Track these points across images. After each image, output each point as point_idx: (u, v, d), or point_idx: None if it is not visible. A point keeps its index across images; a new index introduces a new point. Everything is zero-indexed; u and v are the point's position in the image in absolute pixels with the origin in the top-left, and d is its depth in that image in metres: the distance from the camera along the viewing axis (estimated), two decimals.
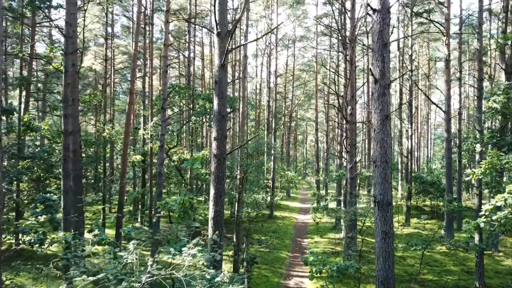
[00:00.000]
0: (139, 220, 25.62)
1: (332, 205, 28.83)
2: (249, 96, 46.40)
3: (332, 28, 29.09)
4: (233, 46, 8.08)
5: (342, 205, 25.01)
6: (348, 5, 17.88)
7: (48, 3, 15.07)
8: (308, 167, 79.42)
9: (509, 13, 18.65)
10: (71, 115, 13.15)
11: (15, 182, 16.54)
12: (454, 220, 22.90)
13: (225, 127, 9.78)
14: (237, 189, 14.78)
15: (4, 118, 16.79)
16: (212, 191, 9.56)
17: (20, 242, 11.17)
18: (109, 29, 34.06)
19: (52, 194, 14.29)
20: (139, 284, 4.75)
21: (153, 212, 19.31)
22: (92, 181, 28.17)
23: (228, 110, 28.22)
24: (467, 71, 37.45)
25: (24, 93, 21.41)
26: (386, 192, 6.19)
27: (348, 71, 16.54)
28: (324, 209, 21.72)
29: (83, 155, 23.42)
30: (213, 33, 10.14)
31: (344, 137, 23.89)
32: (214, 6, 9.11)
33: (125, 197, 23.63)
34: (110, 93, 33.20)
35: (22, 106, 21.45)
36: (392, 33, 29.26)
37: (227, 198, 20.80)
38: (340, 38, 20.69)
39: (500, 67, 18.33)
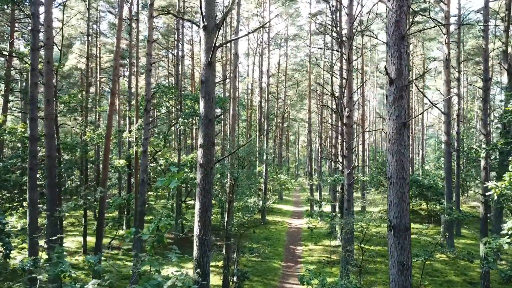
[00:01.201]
0: (124, 226, 24.38)
1: (327, 208, 27.89)
2: (241, 96, 45.31)
3: (327, 26, 28.15)
4: (222, 42, 7.28)
5: (337, 209, 24.08)
6: (345, 1, 16.89)
7: None
8: (300, 167, 78.64)
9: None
10: (46, 117, 11.94)
11: None
12: (453, 225, 22.08)
13: (212, 133, 8.65)
14: (227, 197, 13.69)
15: None
16: (197, 205, 8.46)
17: None
18: (95, 26, 32.80)
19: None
20: None
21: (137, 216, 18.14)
22: (75, 185, 26.83)
23: (218, 111, 27.08)
24: (462, 71, 36.79)
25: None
26: (403, 214, 5.15)
27: (345, 71, 15.54)
28: (319, 215, 20.70)
29: (65, 158, 22.13)
30: (199, 27, 9.03)
31: (341, 140, 22.93)
32: None
33: (110, 202, 22.39)
34: (95, 93, 31.88)
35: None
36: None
37: (217, 202, 19.70)
38: (336, 36, 19.71)
39: (502, 67, 17.50)
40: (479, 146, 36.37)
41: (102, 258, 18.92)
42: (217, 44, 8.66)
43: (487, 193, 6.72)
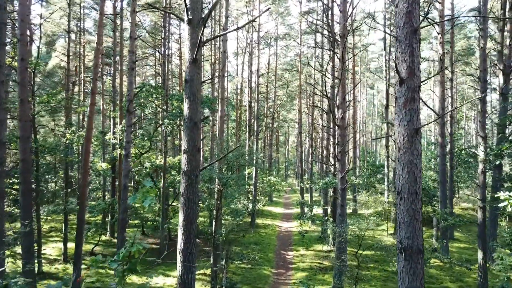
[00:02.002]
0: (108, 231, 23.40)
1: (319, 210, 27.24)
2: (230, 97, 44.51)
3: (318, 25, 27.55)
4: (208, 37, 6.65)
5: (329, 211, 23.44)
6: None
7: None
8: (290, 168, 78.04)
9: (507, 10, 17.40)
10: (20, 118, 11.04)
11: None
12: (448, 230, 21.66)
13: (198, 137, 7.85)
14: (215, 203, 12.90)
15: None
16: (181, 217, 7.64)
17: None
18: (79, 24, 31.64)
19: None
20: None
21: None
22: (56, 189, 25.77)
23: (207, 112, 26.25)
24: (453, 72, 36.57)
25: None
26: (415, 235, 4.47)
27: (338, 70, 14.90)
28: (310, 219, 20.05)
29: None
30: (183, 21, 8.25)
31: (333, 142, 22.32)
32: None
33: (95, 206, 21.39)
34: (79, 92, 30.75)
35: None
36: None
37: (205, 206, 18.93)
38: (328, 34, 19.07)
39: (497, 67, 17.07)
40: (470, 147, 36.25)
41: (84, 266, 17.98)
42: (202, 40, 7.93)
43: (500, 205, 6.07)
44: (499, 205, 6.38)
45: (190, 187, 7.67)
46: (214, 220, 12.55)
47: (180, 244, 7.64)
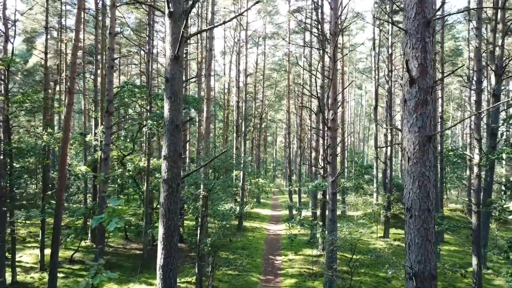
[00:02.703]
0: (89, 237, 22.43)
1: (307, 213, 26.71)
2: (217, 96, 43.73)
3: (307, 24, 27.06)
4: (192, 33, 6.09)
5: (318, 213, 22.90)
6: None
7: None
8: (278, 168, 77.56)
9: (499, 10, 17.11)
10: None
11: None
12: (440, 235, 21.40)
13: (179, 141, 7.16)
14: (200, 209, 12.17)
15: None
16: (161, 230, 6.97)
17: None
18: (60, 20, 30.47)
19: None
20: None
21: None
22: (31, 194, 24.68)
23: (193, 112, 25.40)
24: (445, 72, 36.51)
25: None
26: (428, 258, 3.88)
27: (329, 70, 14.34)
28: (299, 224, 19.49)
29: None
30: (164, 14, 7.55)
31: (322, 144, 21.79)
32: None
33: (77, 210, 20.43)
34: (59, 92, 29.64)
35: None
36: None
37: (191, 209, 18.15)
38: (318, 32, 18.54)
39: (490, 68, 16.77)
40: (457, 148, 36.25)
41: (62, 275, 17.05)
42: (185, 35, 7.25)
43: (510, 217, 5.53)
44: (509, 217, 5.85)
45: (171, 196, 6.97)
46: (199, 228, 11.81)
47: (160, 260, 6.95)
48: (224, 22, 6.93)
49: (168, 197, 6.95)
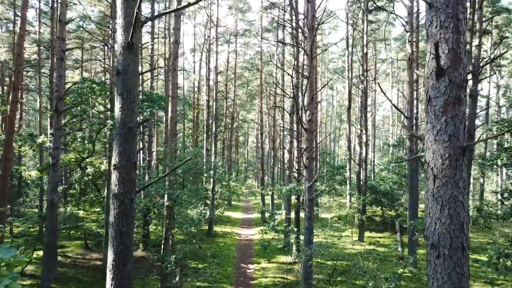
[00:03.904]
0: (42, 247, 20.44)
1: (281, 216, 25.79)
2: (187, 95, 42.09)
3: (281, 20, 26.12)
4: (150, 16, 5.02)
5: (292, 216, 21.96)
6: None
7: None
8: (249, 169, 76.55)
9: (476, 9, 16.76)
10: None
11: None
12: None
13: (134, 147, 5.84)
14: (163, 222, 10.86)
15: None
16: (110, 256, 5.62)
17: None
18: (16, 12, 28.05)
19: None
20: None
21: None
22: None
23: (159, 112, 23.75)
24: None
25: None
26: None
27: (306, 67, 13.38)
28: (273, 230, 18.49)
29: None
30: None
31: (297, 146, 20.87)
32: None
33: (27, 219, 18.54)
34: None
35: None
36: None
37: (156, 212, 16.73)
38: (293, 28, 17.57)
39: (468, 68, 16.37)
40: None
41: None
42: (141, 18, 6.01)
43: None
44: None
45: (123, 214, 5.61)
46: (163, 243, 10.49)
47: None
48: (189, 5, 5.74)
49: (119, 215, 5.60)
